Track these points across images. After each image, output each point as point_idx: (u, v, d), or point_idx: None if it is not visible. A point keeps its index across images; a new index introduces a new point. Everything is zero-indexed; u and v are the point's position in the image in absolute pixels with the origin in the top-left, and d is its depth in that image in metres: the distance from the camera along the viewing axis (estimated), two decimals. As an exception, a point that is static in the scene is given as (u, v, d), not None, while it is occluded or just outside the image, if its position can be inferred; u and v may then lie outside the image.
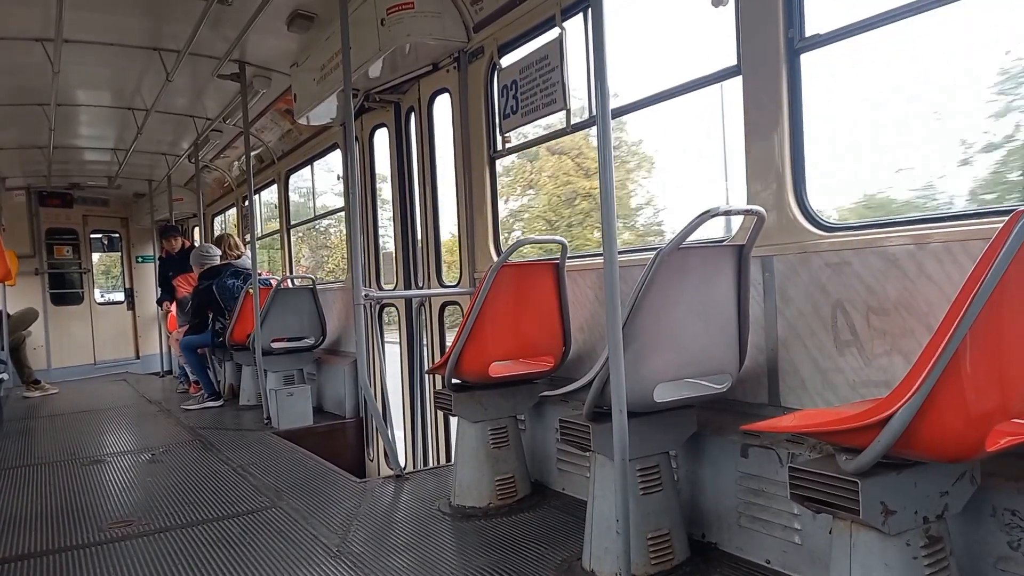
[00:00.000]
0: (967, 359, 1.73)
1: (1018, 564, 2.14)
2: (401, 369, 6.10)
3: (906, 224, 2.53)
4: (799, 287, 2.81)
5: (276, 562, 3.16)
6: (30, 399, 9.09)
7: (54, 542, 3.56)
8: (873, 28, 2.58)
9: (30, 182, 11.44)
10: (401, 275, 6.06)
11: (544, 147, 13.79)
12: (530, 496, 3.89)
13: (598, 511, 2.85)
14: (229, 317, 7.23)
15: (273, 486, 4.38)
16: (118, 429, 6.86)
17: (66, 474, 4.97)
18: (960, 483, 2.06)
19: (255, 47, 5.99)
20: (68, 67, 5.94)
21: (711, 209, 2.56)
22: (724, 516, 3.06)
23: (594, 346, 3.87)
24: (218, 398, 7.69)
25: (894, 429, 1.79)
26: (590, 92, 3.81)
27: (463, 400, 3.80)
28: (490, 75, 4.70)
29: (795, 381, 2.84)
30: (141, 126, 7.91)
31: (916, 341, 2.38)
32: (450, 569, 3.02)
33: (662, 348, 2.71)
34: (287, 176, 8.67)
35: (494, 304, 3.64)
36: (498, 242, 4.85)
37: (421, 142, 5.61)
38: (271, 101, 7.24)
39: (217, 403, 7.58)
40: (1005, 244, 1.68)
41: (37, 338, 10.70)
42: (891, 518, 1.93)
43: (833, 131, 4.28)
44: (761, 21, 2.89)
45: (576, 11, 3.94)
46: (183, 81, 6.59)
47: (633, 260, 3.47)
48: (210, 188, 11.17)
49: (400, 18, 4.54)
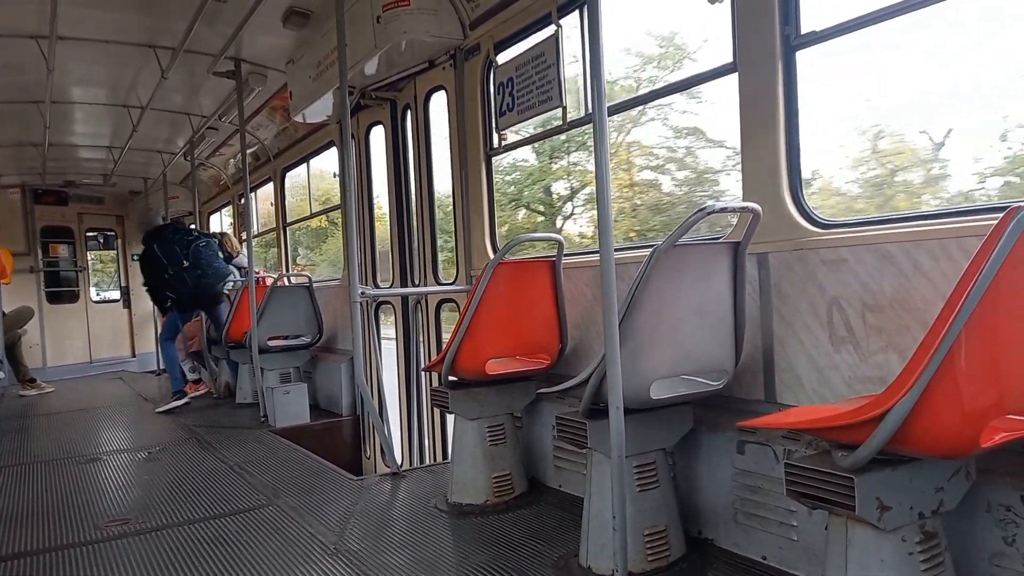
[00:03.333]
0: (962, 355, 1.74)
1: (1013, 560, 2.15)
2: (398, 367, 6.10)
3: (901, 221, 2.54)
4: (795, 284, 2.81)
5: (273, 560, 3.15)
6: (26, 397, 9.06)
7: (51, 540, 3.55)
8: (870, 24, 2.58)
9: (25, 180, 11.40)
10: (397, 272, 6.06)
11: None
12: (527, 493, 3.89)
13: (595, 508, 2.86)
14: (177, 280, 7.05)
15: (270, 484, 4.37)
16: (114, 427, 6.84)
17: (62, 472, 4.96)
18: (955, 479, 2.07)
19: (251, 44, 5.98)
20: (63, 64, 5.92)
21: (707, 206, 2.56)
22: (720, 512, 3.06)
23: (590, 343, 3.88)
24: (183, 396, 7.33)
25: (889, 425, 1.80)
26: (586, 89, 3.82)
27: (460, 397, 3.80)
28: (486, 72, 4.69)
29: (791, 378, 2.85)
30: (136, 123, 7.88)
31: (911, 338, 2.38)
32: (447, 566, 3.02)
33: (658, 345, 2.72)
34: (283, 174, 8.65)
35: (491, 301, 3.65)
36: (495, 239, 4.85)
37: (417, 139, 5.60)
38: (267, 98, 7.23)
39: (180, 402, 7.24)
40: (1000, 241, 1.69)
41: (33, 336, 10.66)
42: (887, 514, 1.93)
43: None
44: (757, 18, 2.89)
45: (572, 8, 3.94)
46: (178, 78, 6.56)
47: (629, 257, 3.47)
48: (206, 186, 11.14)
49: (396, 15, 4.53)
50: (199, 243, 7.25)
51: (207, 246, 7.30)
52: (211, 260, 7.27)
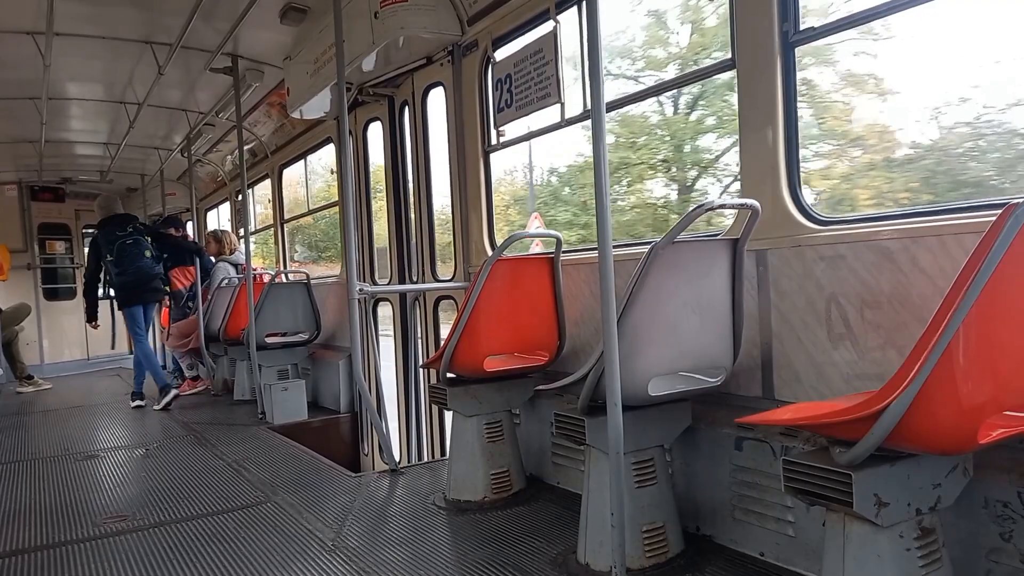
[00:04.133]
0: (960, 352, 1.74)
1: (1010, 555, 2.16)
2: (396, 363, 6.09)
3: (900, 217, 2.54)
4: (793, 281, 2.82)
5: (271, 557, 3.15)
6: (23, 394, 9.06)
7: (49, 537, 3.55)
8: (868, 21, 2.58)
9: (22, 176, 11.36)
10: (395, 269, 6.05)
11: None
12: (525, 490, 3.90)
13: (593, 504, 2.86)
14: (119, 274, 7.07)
15: (268, 481, 4.37)
16: (112, 424, 6.84)
17: (60, 469, 4.96)
18: (953, 475, 2.07)
19: (248, 40, 5.95)
20: (59, 60, 5.89)
21: (705, 203, 2.57)
22: (718, 509, 3.07)
23: (589, 340, 3.87)
24: (142, 398, 7.38)
25: (887, 422, 1.80)
26: (584, 85, 3.81)
27: (458, 394, 3.80)
28: (484, 69, 4.68)
29: (789, 374, 2.85)
30: (133, 120, 7.85)
31: (909, 334, 2.38)
32: (445, 563, 3.02)
33: (657, 342, 2.72)
34: (280, 170, 8.63)
35: (489, 298, 3.64)
36: (492, 236, 4.84)
37: (415, 136, 5.59)
38: (264, 95, 7.20)
39: (139, 402, 7.35)
40: (998, 237, 1.69)
41: (30, 333, 10.64)
42: (884, 510, 1.94)
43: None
44: (756, 14, 2.88)
45: (571, 4, 3.93)
46: (175, 74, 6.54)
47: (628, 254, 3.47)
48: (203, 183, 11.11)
49: (394, 11, 4.51)
50: (126, 241, 7.19)
51: (134, 244, 7.22)
52: (134, 259, 7.18)
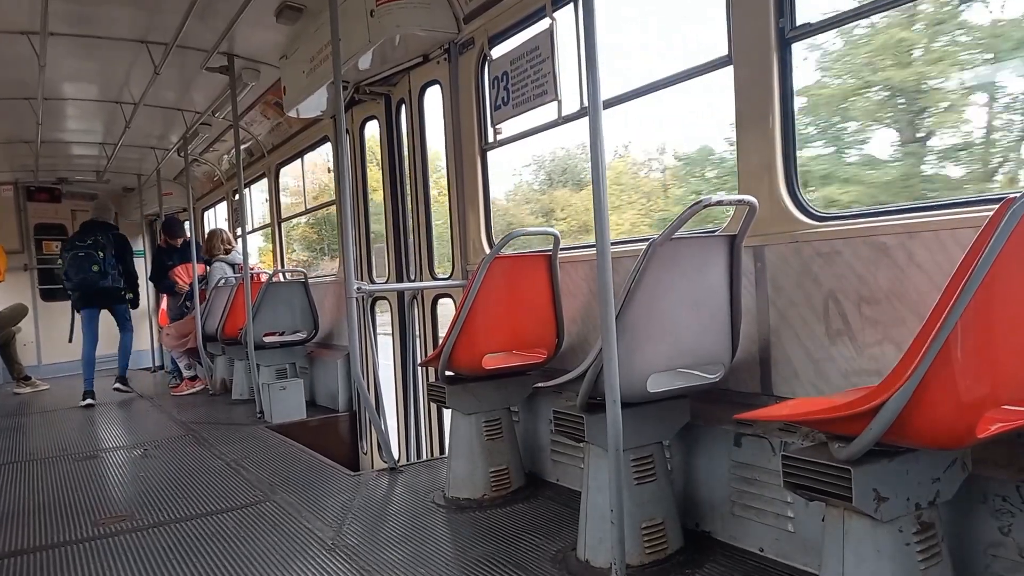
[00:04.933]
0: (958, 347, 1.74)
1: (1009, 549, 2.17)
2: (394, 362, 6.09)
3: (897, 213, 2.53)
4: (791, 277, 2.82)
5: (271, 556, 3.15)
6: (20, 395, 9.04)
7: (48, 538, 3.54)
8: (864, 16, 2.58)
9: (17, 177, 11.32)
10: (393, 268, 6.05)
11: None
12: (524, 488, 3.90)
13: (592, 501, 2.86)
14: (67, 280, 7.40)
15: (267, 480, 4.37)
16: (110, 424, 6.83)
17: (58, 470, 4.95)
18: (951, 470, 2.07)
19: (244, 39, 5.94)
20: (55, 60, 5.88)
21: (703, 199, 2.56)
22: (717, 505, 3.07)
23: (587, 337, 3.88)
24: (93, 396, 7.63)
25: (886, 417, 1.80)
26: (581, 83, 3.80)
27: (456, 392, 3.80)
28: (481, 66, 4.67)
29: (787, 370, 2.86)
30: (129, 120, 7.83)
31: (907, 330, 2.38)
32: (445, 561, 3.03)
33: (655, 339, 2.72)
34: (277, 170, 8.62)
35: (487, 296, 3.64)
36: (490, 234, 4.84)
37: (412, 134, 5.58)
38: (260, 94, 7.18)
39: (87, 401, 7.57)
40: (995, 232, 1.69)
41: (27, 334, 10.61)
42: (883, 505, 1.94)
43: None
44: (752, 10, 2.88)
45: (567, 1, 3.92)
46: (171, 74, 6.52)
47: (625, 251, 3.47)
48: (200, 182, 11.09)
49: (389, 9, 4.50)
50: (78, 253, 7.46)
51: (85, 256, 7.46)
52: (79, 270, 7.51)
